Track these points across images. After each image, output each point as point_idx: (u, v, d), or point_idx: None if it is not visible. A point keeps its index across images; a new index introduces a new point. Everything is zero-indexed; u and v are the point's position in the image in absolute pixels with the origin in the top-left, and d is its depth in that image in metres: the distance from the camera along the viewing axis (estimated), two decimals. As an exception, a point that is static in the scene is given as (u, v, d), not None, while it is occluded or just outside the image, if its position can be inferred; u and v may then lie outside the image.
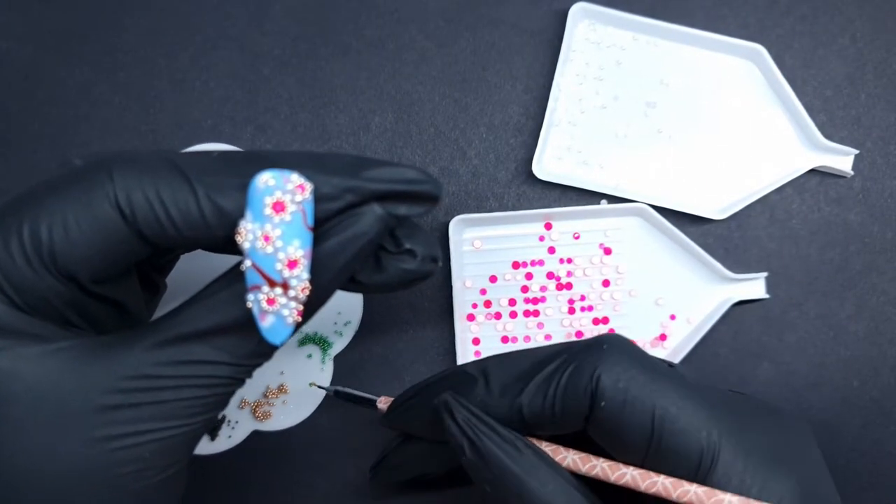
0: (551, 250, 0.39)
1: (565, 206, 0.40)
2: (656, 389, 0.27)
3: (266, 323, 0.25)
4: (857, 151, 0.39)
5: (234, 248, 0.25)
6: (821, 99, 0.40)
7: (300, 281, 0.24)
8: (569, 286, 0.39)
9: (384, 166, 0.26)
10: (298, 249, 0.24)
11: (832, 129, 0.40)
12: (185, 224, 0.25)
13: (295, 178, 0.24)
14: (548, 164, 0.40)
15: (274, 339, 0.25)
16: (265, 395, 0.39)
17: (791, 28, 0.40)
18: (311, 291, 0.25)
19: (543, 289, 0.39)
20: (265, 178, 0.24)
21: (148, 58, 0.41)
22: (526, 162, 0.40)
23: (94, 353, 0.25)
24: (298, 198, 0.24)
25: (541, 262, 0.39)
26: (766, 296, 0.39)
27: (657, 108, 0.40)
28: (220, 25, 0.41)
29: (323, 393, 0.39)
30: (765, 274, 0.39)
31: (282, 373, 0.39)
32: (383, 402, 0.34)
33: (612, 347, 0.28)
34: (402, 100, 0.40)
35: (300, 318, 0.25)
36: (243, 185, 0.24)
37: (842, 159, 0.39)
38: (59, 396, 0.24)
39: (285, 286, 0.24)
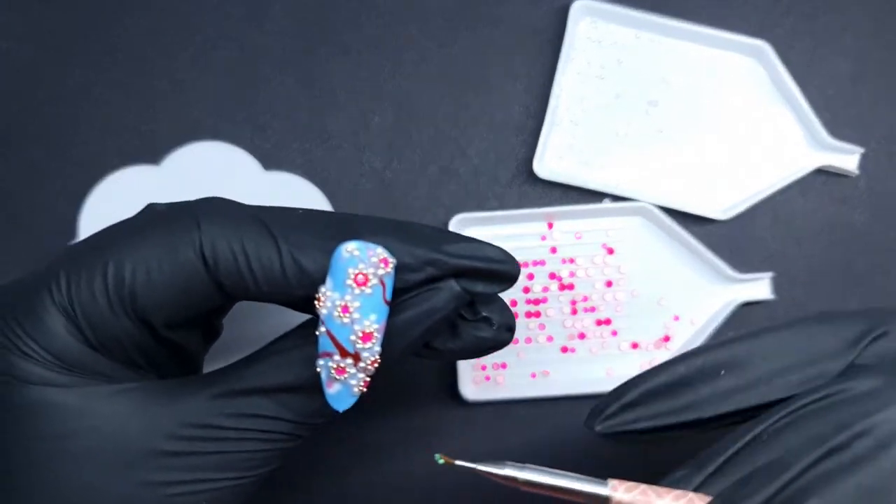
0: (553, 250, 0.39)
1: (567, 205, 0.39)
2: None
3: (332, 390, 0.25)
4: (862, 150, 0.39)
5: (308, 308, 0.25)
6: (824, 98, 0.40)
7: (372, 354, 0.25)
8: (571, 286, 0.39)
9: (465, 241, 0.26)
10: (374, 324, 0.24)
11: (835, 128, 0.39)
12: (266, 279, 0.25)
13: (379, 252, 0.24)
14: (549, 163, 0.39)
15: (338, 405, 0.25)
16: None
17: (793, 26, 0.40)
18: (382, 362, 0.25)
19: (545, 289, 0.39)
20: (350, 249, 0.24)
21: (147, 58, 0.41)
22: (527, 161, 0.39)
23: (159, 397, 0.25)
24: (381, 271, 0.24)
25: (542, 262, 0.39)
26: (772, 297, 0.39)
27: (659, 106, 0.39)
28: (220, 25, 0.41)
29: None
30: (770, 274, 0.39)
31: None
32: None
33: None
34: (402, 99, 0.40)
35: (366, 389, 0.25)
36: (326, 248, 0.25)
37: (847, 158, 0.39)
38: (123, 437, 0.25)
39: (356, 357, 0.25)
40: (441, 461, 0.25)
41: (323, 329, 0.24)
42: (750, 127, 0.39)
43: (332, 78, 0.40)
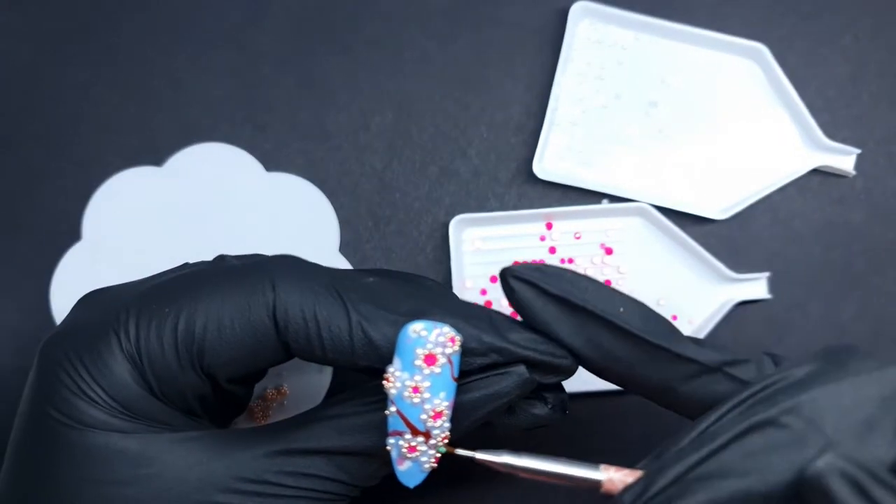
0: (552, 250, 0.39)
1: (566, 205, 0.39)
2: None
3: (403, 467, 0.25)
4: (859, 151, 0.39)
5: (368, 373, 0.26)
6: (823, 98, 0.40)
7: (443, 431, 0.25)
8: (570, 286, 0.39)
9: (527, 332, 0.26)
10: (444, 401, 0.25)
11: (834, 128, 0.40)
12: (333, 347, 0.25)
13: (447, 331, 0.24)
14: (549, 163, 0.39)
15: (409, 482, 0.26)
16: (264, 397, 0.38)
17: (793, 27, 0.40)
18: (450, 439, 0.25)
19: (544, 289, 0.39)
20: (417, 329, 0.24)
21: (147, 57, 0.41)
22: (527, 161, 0.39)
23: (218, 448, 0.26)
24: (448, 350, 0.24)
25: (542, 262, 0.39)
26: (769, 296, 0.39)
27: (659, 107, 0.40)
28: (220, 25, 0.41)
29: (321, 395, 0.38)
30: (767, 274, 0.39)
31: (281, 374, 0.39)
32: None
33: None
34: (402, 99, 0.40)
35: (436, 465, 0.25)
36: (395, 321, 0.25)
37: (844, 159, 0.39)
38: (180, 487, 0.25)
39: (427, 435, 0.25)
40: (443, 450, 0.25)
41: (393, 409, 0.25)
42: (748, 128, 0.39)
43: (332, 78, 0.40)
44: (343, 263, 0.39)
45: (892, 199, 0.40)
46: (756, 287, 0.39)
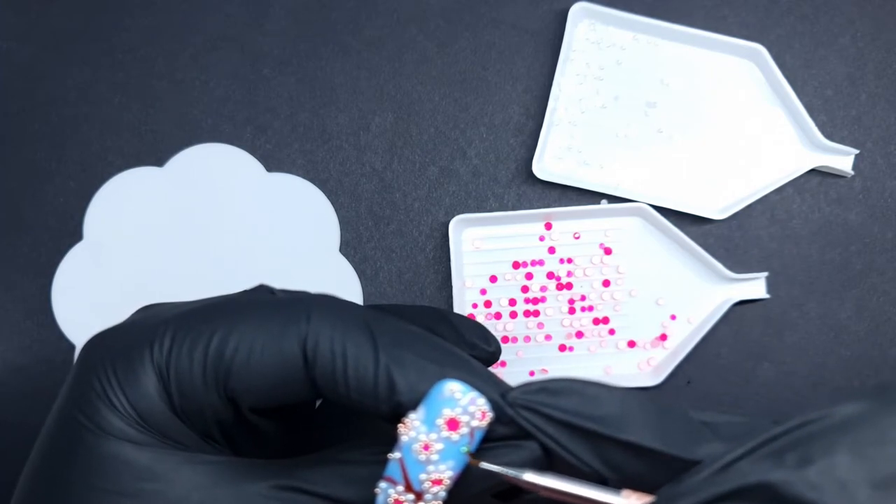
0: (551, 250, 0.39)
1: (565, 205, 0.40)
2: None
3: None
4: (857, 151, 0.39)
5: (390, 422, 0.25)
6: (821, 99, 0.40)
7: (436, 499, 0.24)
8: (569, 286, 0.39)
9: (552, 424, 0.25)
10: (448, 470, 0.24)
11: (832, 129, 0.40)
12: (357, 387, 0.25)
13: (481, 404, 0.24)
14: (548, 163, 0.40)
15: None
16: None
17: (791, 28, 0.40)
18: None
19: (544, 289, 0.39)
20: (454, 389, 0.24)
21: (148, 58, 0.41)
22: (526, 162, 0.40)
23: (225, 475, 0.25)
24: (475, 423, 0.24)
25: (541, 262, 0.39)
26: (767, 296, 0.39)
27: (657, 107, 0.40)
28: (220, 25, 0.41)
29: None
30: (765, 274, 0.39)
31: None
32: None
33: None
34: (402, 100, 0.40)
35: None
36: (424, 371, 0.24)
37: (842, 159, 0.39)
38: None
39: (419, 496, 0.24)
40: (467, 458, 0.24)
41: (397, 455, 0.24)
42: (746, 128, 0.40)
43: (332, 78, 0.40)
44: (343, 263, 0.40)
45: (890, 199, 0.40)
46: (754, 287, 0.39)
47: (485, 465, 0.25)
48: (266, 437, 0.29)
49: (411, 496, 0.24)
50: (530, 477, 0.25)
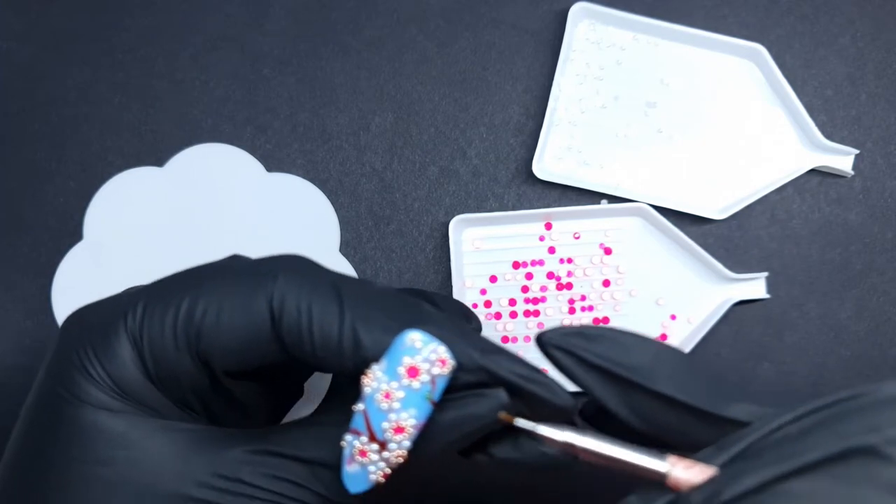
0: (551, 250, 0.39)
1: (565, 205, 0.40)
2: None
3: (350, 469, 0.25)
4: (857, 151, 0.39)
5: (356, 382, 0.25)
6: (821, 99, 0.40)
7: (399, 448, 0.24)
8: (569, 286, 0.39)
9: (526, 366, 0.25)
10: (410, 419, 0.24)
11: (832, 128, 0.40)
12: (322, 343, 0.25)
13: (441, 351, 0.24)
14: (548, 163, 0.40)
15: (350, 485, 0.25)
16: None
17: (791, 28, 0.40)
18: (410, 459, 0.25)
19: (544, 289, 0.39)
20: (414, 338, 0.24)
21: (148, 58, 0.41)
22: (526, 162, 0.40)
23: (199, 442, 0.26)
24: (436, 370, 0.24)
25: (541, 262, 0.39)
26: (767, 296, 0.39)
27: (657, 107, 0.40)
28: (220, 25, 0.41)
29: (322, 394, 0.38)
30: (765, 274, 0.39)
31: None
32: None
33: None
34: (402, 100, 0.40)
35: (384, 480, 0.25)
36: (388, 328, 0.24)
37: (842, 159, 0.39)
38: (156, 476, 0.25)
39: (383, 446, 0.24)
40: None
41: (361, 407, 0.24)
42: (746, 128, 0.40)
43: (332, 78, 0.40)
44: (343, 263, 0.40)
45: (890, 199, 0.40)
46: (754, 287, 0.39)
47: (520, 421, 0.24)
48: (246, 408, 0.29)
49: (375, 446, 0.24)
50: (570, 437, 0.24)
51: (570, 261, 0.39)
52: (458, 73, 0.40)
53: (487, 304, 0.39)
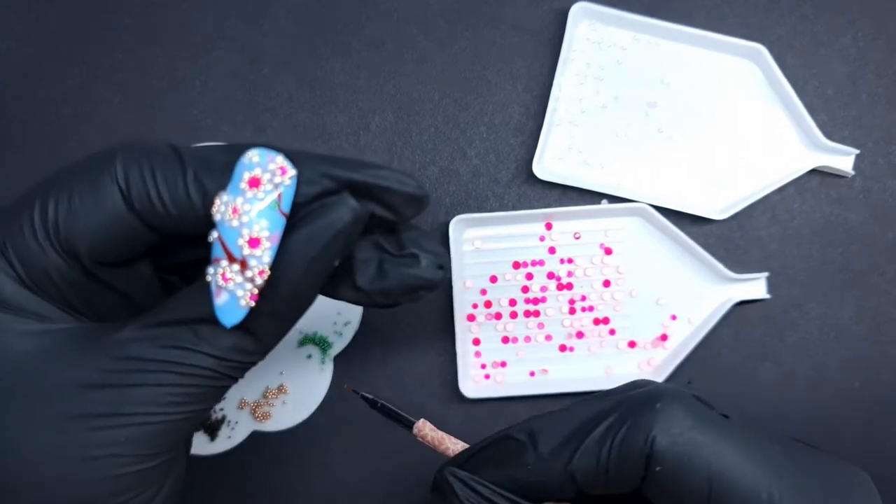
0: (552, 250, 0.39)
1: (566, 205, 0.40)
2: (714, 451, 0.26)
3: (220, 300, 0.24)
4: (857, 151, 0.39)
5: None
6: (822, 98, 0.40)
7: (259, 263, 0.24)
8: (569, 286, 0.39)
9: (376, 167, 0.26)
10: (264, 230, 0.24)
11: (833, 128, 0.40)
12: (172, 201, 0.25)
13: (279, 161, 0.24)
14: (548, 163, 0.39)
15: (224, 318, 0.24)
16: (265, 396, 0.39)
17: (792, 28, 0.40)
18: (281, 283, 0.24)
19: (544, 289, 0.39)
20: (251, 155, 0.24)
21: (148, 57, 0.41)
22: (526, 162, 0.40)
23: (85, 335, 0.26)
24: (277, 179, 0.24)
25: (541, 263, 0.39)
26: (768, 296, 0.39)
27: (658, 107, 0.40)
28: (220, 25, 0.41)
29: (322, 394, 0.39)
30: (766, 274, 0.39)
31: (281, 373, 0.39)
32: (420, 428, 0.33)
33: (667, 405, 0.27)
34: (402, 99, 0.40)
35: (253, 303, 0.24)
36: (230, 164, 0.25)
37: (843, 159, 0.39)
38: (41, 372, 0.25)
39: (243, 265, 0.24)
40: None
41: (215, 234, 0.24)
42: (747, 128, 0.39)
43: (332, 78, 0.40)
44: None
45: (890, 199, 0.40)
46: (755, 287, 0.39)
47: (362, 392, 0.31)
48: (137, 302, 0.28)
49: (236, 266, 0.24)
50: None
51: (570, 261, 0.39)
52: (458, 72, 0.40)
53: (487, 304, 0.39)
